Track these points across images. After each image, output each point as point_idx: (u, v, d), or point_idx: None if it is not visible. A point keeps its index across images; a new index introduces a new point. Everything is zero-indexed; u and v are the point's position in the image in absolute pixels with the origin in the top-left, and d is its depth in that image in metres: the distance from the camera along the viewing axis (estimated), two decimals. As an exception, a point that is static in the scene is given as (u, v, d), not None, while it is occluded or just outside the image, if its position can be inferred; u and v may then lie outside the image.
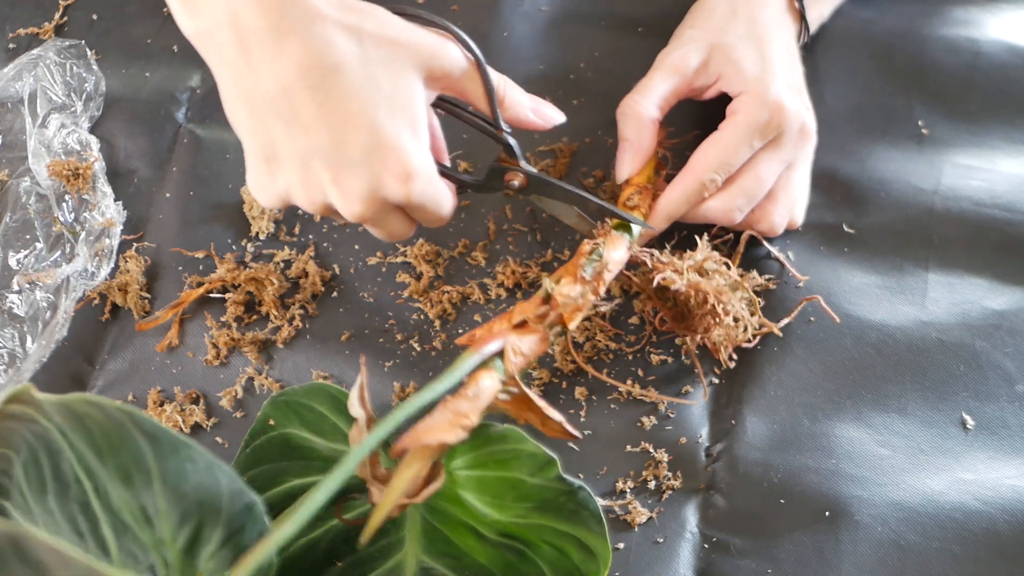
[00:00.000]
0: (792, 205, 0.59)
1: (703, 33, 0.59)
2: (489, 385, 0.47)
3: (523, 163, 0.54)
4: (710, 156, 0.55)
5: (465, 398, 0.46)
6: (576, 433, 0.48)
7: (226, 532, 0.39)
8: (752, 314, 0.55)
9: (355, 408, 0.45)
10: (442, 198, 0.50)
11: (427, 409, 0.45)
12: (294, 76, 0.45)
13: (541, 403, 0.48)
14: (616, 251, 0.53)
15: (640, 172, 0.58)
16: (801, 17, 0.61)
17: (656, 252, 0.55)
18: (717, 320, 0.53)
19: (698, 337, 0.55)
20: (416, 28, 0.49)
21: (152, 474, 0.38)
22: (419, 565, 0.48)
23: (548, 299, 0.51)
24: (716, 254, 0.55)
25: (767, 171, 0.56)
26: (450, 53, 0.49)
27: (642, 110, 0.57)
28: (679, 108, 0.60)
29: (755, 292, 0.57)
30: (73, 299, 0.59)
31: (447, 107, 0.54)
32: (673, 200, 0.56)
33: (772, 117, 0.54)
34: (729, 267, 0.55)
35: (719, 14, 0.59)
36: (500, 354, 0.48)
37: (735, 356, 0.57)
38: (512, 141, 0.53)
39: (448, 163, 0.55)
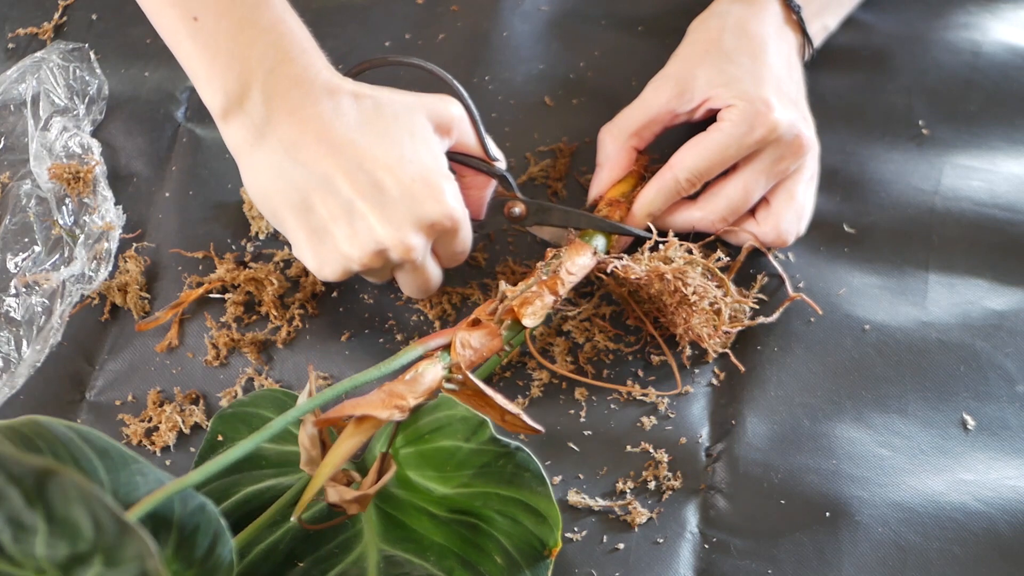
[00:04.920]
0: (800, 214, 0.58)
1: (689, 61, 0.59)
2: (430, 372, 0.47)
3: (519, 193, 0.57)
4: (688, 157, 0.56)
5: (402, 381, 0.47)
6: (537, 427, 0.48)
7: (179, 535, 0.40)
8: (725, 294, 0.55)
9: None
10: (467, 222, 0.54)
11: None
12: (328, 137, 0.50)
13: (495, 396, 0.48)
14: (579, 256, 0.54)
15: (615, 188, 0.59)
16: (801, 29, 0.60)
17: (625, 256, 0.55)
18: (691, 305, 0.54)
19: (680, 330, 0.56)
20: (415, 92, 0.54)
21: (104, 487, 0.39)
22: (380, 554, 0.48)
23: (503, 300, 0.52)
24: (677, 240, 0.55)
25: (753, 182, 0.56)
26: (451, 106, 0.54)
27: (616, 138, 0.59)
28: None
29: (744, 291, 0.58)
30: (69, 303, 0.59)
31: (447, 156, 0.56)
32: (648, 196, 0.57)
33: (758, 128, 0.54)
34: (692, 252, 0.55)
35: (709, 34, 0.59)
36: (448, 348, 0.49)
37: (726, 348, 0.57)
38: (507, 174, 0.57)
39: None
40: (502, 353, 0.53)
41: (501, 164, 0.57)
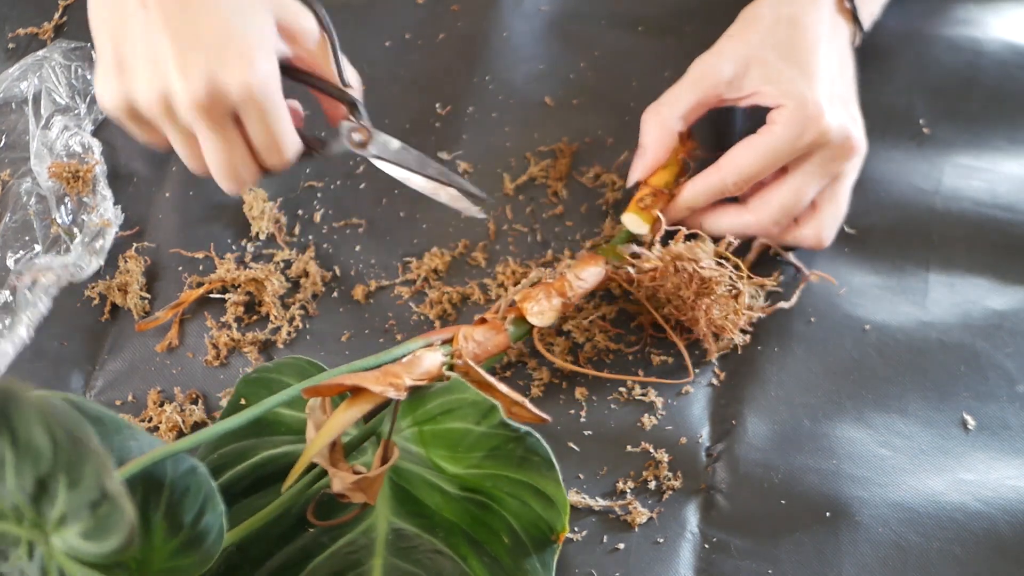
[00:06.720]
0: (840, 217, 0.58)
1: (742, 46, 0.57)
2: (428, 357, 0.48)
3: (369, 125, 0.55)
4: (740, 160, 0.55)
5: (399, 364, 0.48)
6: (543, 416, 0.49)
7: (170, 497, 0.41)
8: (740, 277, 0.55)
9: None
10: (283, 117, 0.50)
11: None
12: None
13: (500, 385, 0.48)
14: (588, 268, 0.55)
15: (659, 175, 0.58)
16: (853, 17, 0.59)
17: (645, 252, 0.55)
18: (710, 293, 0.54)
19: (703, 323, 0.55)
20: None
21: None
22: (390, 526, 0.49)
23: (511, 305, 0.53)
24: (685, 231, 0.55)
25: (806, 186, 0.55)
26: (303, 18, 0.52)
27: (663, 120, 0.57)
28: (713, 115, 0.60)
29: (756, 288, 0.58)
30: (56, 281, 0.59)
31: (292, 75, 0.54)
32: (694, 192, 0.57)
33: (809, 131, 0.53)
34: (702, 239, 0.55)
35: (763, 23, 0.57)
36: (451, 342, 0.50)
37: (744, 340, 0.57)
38: (358, 101, 0.54)
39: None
40: (508, 351, 0.53)
41: (356, 92, 0.55)
